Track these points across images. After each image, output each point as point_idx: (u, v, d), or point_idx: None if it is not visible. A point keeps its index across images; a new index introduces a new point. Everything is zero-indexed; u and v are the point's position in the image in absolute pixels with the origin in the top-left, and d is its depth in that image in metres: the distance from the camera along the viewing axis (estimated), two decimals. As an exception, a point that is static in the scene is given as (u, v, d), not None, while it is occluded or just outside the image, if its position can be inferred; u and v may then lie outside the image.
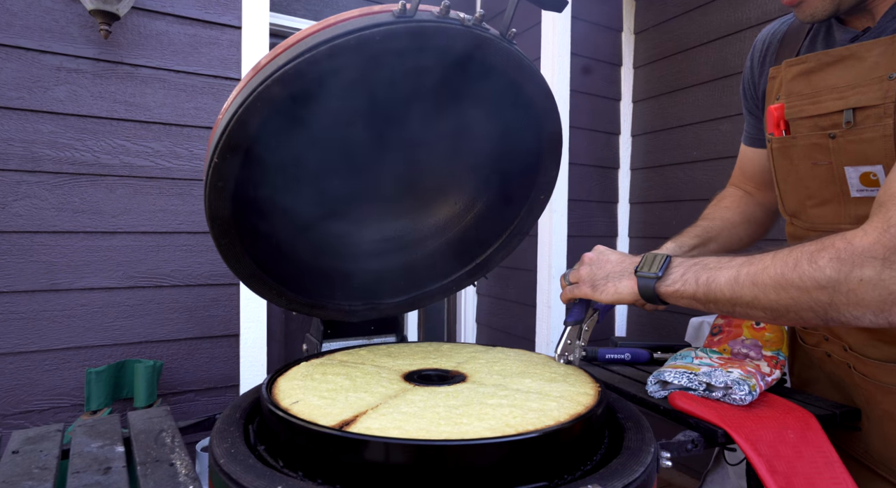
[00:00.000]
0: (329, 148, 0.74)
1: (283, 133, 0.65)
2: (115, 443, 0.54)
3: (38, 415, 1.45)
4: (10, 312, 1.41)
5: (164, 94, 1.61)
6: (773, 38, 0.84)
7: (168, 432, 0.57)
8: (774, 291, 0.54)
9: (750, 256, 0.59)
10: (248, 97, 0.59)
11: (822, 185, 0.71)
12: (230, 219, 0.67)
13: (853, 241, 0.51)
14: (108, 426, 0.59)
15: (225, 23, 1.69)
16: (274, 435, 0.55)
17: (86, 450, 0.52)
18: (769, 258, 0.56)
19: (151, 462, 0.50)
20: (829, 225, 0.71)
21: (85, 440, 0.55)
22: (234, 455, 0.51)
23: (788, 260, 0.54)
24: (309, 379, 0.64)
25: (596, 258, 0.73)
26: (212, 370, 1.68)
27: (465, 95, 0.73)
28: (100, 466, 0.49)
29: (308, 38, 0.59)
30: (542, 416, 0.53)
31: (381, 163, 0.81)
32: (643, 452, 0.54)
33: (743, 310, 0.58)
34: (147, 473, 0.48)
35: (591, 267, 0.72)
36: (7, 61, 1.39)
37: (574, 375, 0.68)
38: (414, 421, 0.51)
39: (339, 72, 0.59)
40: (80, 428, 0.58)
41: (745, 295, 0.56)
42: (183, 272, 1.65)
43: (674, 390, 0.69)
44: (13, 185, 1.41)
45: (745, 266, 0.57)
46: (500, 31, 0.66)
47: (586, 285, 0.70)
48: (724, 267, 0.59)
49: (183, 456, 0.51)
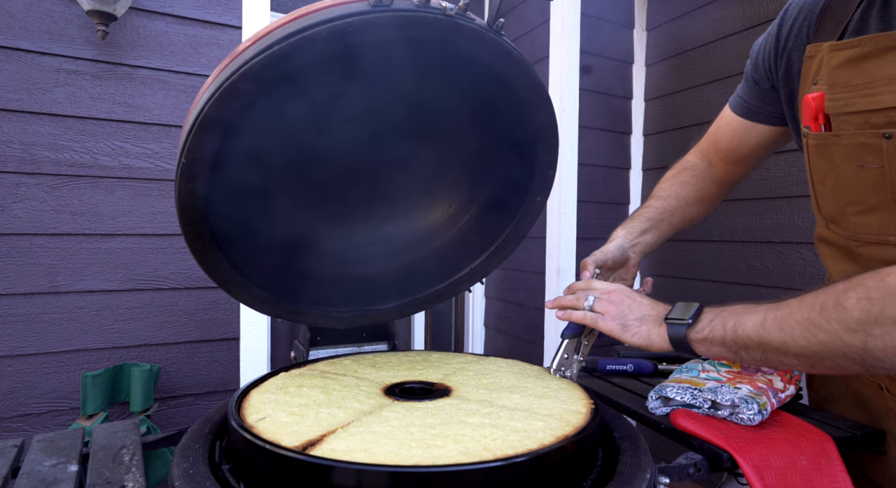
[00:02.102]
0: (309, 146, 0.70)
1: (257, 130, 0.61)
2: (70, 462, 0.51)
3: (37, 418, 1.44)
4: (8, 315, 1.41)
5: (163, 95, 1.59)
6: (814, 6, 0.71)
7: (129, 449, 0.54)
8: (803, 337, 0.51)
9: (778, 302, 0.55)
10: (213, 93, 0.55)
11: (868, 191, 0.62)
12: (204, 221, 0.63)
13: (886, 279, 0.46)
14: (68, 441, 0.56)
15: (225, 23, 1.67)
16: (237, 454, 0.51)
17: (36, 470, 0.49)
18: (796, 302, 0.53)
19: (102, 483, 0.47)
20: (873, 235, 0.63)
21: (39, 457, 0.52)
22: (192, 476, 0.48)
23: (815, 303, 0.51)
24: (282, 393, 0.60)
25: (627, 297, 0.68)
26: (211, 374, 1.66)
27: (451, 91, 0.68)
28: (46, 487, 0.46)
29: (278, 30, 0.56)
30: (525, 438, 0.48)
31: (366, 163, 0.77)
32: (638, 478, 0.49)
33: (775, 357, 0.54)
34: (94, 497, 0.44)
35: (620, 306, 0.67)
36: (6, 63, 1.38)
37: (567, 390, 0.63)
38: (383, 443, 0.46)
39: (311, 65, 0.55)
40: (39, 443, 0.55)
41: (773, 340, 0.53)
42: (183, 275, 1.63)
43: (676, 407, 0.64)
44: (12, 187, 1.41)
45: (771, 310, 0.54)
46: (488, 20, 0.62)
47: (614, 322, 0.66)
48: (750, 311, 0.56)
49: (138, 478, 0.48)
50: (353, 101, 0.66)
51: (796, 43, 0.74)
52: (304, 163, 0.73)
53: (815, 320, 0.50)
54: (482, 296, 2.68)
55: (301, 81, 0.58)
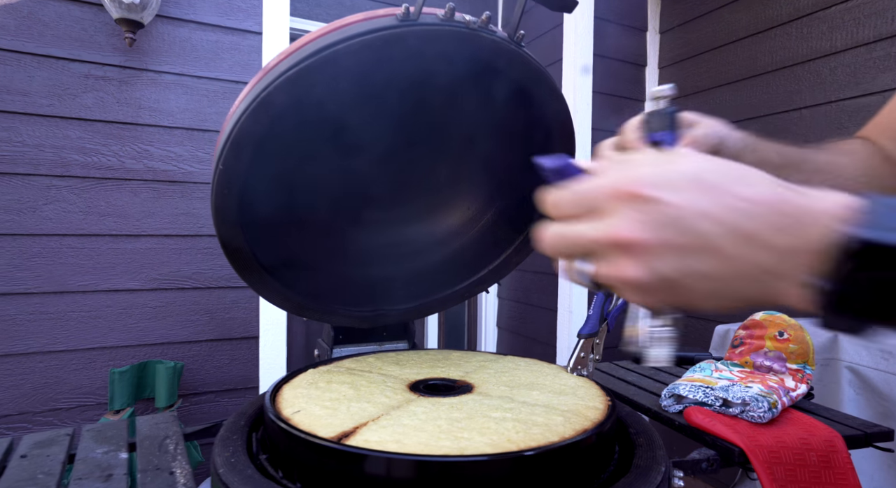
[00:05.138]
0: (336, 153, 0.74)
1: (289, 138, 0.65)
2: (120, 450, 0.55)
3: (66, 413, 1.49)
4: (39, 313, 1.46)
5: (186, 99, 1.64)
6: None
7: (172, 439, 0.58)
8: None
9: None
10: (250, 104, 0.59)
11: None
12: (237, 225, 0.67)
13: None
14: (114, 431, 0.60)
15: (246, 29, 1.71)
16: (275, 444, 0.54)
17: (90, 456, 0.53)
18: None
19: (152, 470, 0.50)
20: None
21: (91, 445, 0.56)
22: (234, 464, 0.51)
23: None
24: (313, 388, 0.63)
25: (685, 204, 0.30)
26: (232, 371, 1.70)
27: (474, 99, 0.71)
28: (102, 473, 0.49)
29: (310, 43, 0.59)
30: (547, 432, 0.51)
31: (392, 168, 0.80)
32: (653, 471, 0.52)
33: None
34: (147, 481, 0.48)
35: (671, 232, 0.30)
36: (38, 70, 1.44)
37: (584, 388, 0.66)
38: (414, 435, 0.50)
39: (342, 77, 0.59)
40: (88, 433, 0.59)
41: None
42: (204, 274, 1.67)
43: (689, 405, 0.66)
44: (43, 190, 1.46)
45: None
46: (509, 32, 0.65)
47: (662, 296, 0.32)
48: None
49: (183, 465, 0.51)
50: (381, 110, 0.69)
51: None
52: (332, 170, 0.76)
53: None
54: (495, 297, 2.71)
55: (332, 92, 0.61)
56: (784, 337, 0.76)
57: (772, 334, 0.77)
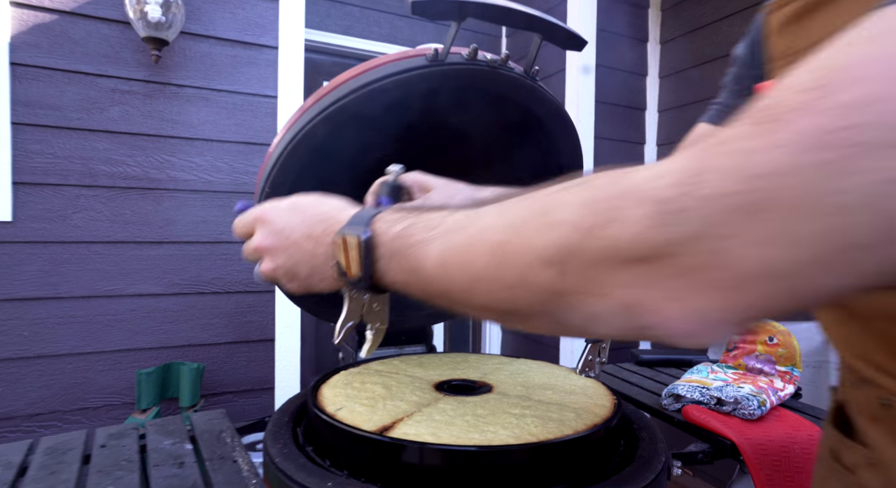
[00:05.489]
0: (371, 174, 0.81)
1: (326, 168, 0.72)
2: (184, 442, 0.62)
3: (94, 412, 1.56)
4: (69, 316, 1.53)
5: (206, 111, 1.71)
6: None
7: (227, 432, 0.65)
8: (485, 288, 0.31)
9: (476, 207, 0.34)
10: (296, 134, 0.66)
11: None
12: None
13: (633, 173, 0.27)
14: (175, 426, 0.67)
15: (263, 43, 1.78)
16: (321, 437, 0.62)
17: (160, 447, 0.60)
18: (491, 212, 0.32)
19: (217, 458, 0.57)
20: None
21: (158, 437, 0.63)
22: (287, 454, 0.58)
23: (511, 212, 0.31)
24: (349, 388, 0.71)
25: (279, 234, 0.48)
26: (249, 373, 1.78)
27: (493, 127, 0.79)
28: (174, 461, 0.56)
29: (350, 81, 0.66)
30: (562, 426, 0.58)
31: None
32: (655, 461, 0.59)
33: (465, 309, 0.35)
34: (215, 468, 0.55)
35: (279, 254, 0.48)
36: (69, 85, 1.51)
37: (593, 388, 0.73)
38: (446, 429, 0.57)
39: (379, 112, 0.66)
40: (152, 427, 0.66)
41: (456, 289, 0.33)
42: (223, 280, 1.75)
43: (687, 403, 0.74)
44: (73, 199, 1.53)
45: (455, 232, 0.33)
46: (525, 68, 0.72)
47: (292, 285, 0.49)
48: (431, 237, 0.34)
49: (243, 454, 0.59)
50: (411, 139, 0.77)
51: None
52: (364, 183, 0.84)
53: (510, 249, 0.29)
54: (499, 300, 2.78)
55: (367, 126, 0.68)
56: (774, 342, 0.84)
57: (763, 339, 0.84)
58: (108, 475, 0.53)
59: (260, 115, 1.79)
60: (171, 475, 0.53)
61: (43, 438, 0.62)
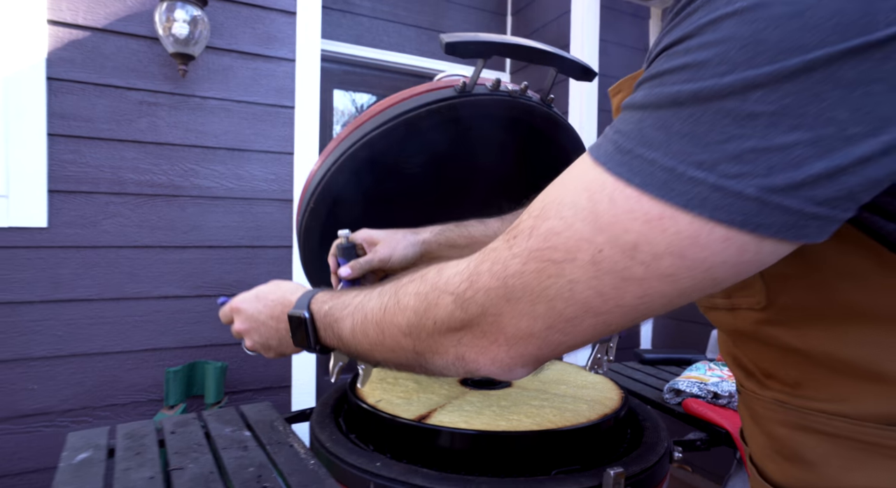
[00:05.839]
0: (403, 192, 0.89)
1: (364, 189, 0.80)
2: (242, 429, 0.70)
3: (122, 408, 1.64)
4: (99, 317, 1.61)
5: (228, 122, 1.79)
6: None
7: (278, 422, 0.73)
8: (380, 351, 0.45)
9: (371, 291, 0.47)
10: (339, 157, 0.74)
11: None
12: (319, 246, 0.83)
13: (444, 271, 0.39)
14: (231, 416, 0.75)
15: (281, 56, 1.86)
16: (365, 425, 0.70)
17: (223, 433, 0.68)
18: (376, 297, 0.45)
19: (275, 443, 0.65)
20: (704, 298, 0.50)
21: (218, 426, 0.71)
22: (336, 440, 0.67)
23: (384, 298, 0.43)
24: (384, 383, 0.79)
25: (251, 322, 0.63)
26: (268, 371, 1.86)
27: (512, 148, 0.87)
28: (239, 445, 0.65)
29: (390, 108, 0.75)
30: (577, 415, 0.66)
31: (441, 204, 0.96)
32: (658, 446, 0.67)
33: (373, 362, 0.48)
34: (275, 451, 0.63)
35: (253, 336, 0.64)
36: (100, 98, 1.59)
37: (602, 383, 0.81)
38: (476, 417, 0.65)
39: (413, 138, 0.74)
40: (210, 416, 0.74)
41: (363, 352, 0.47)
42: (242, 282, 1.82)
43: (686, 397, 0.82)
44: (103, 206, 1.61)
45: (358, 312, 0.46)
46: (542, 97, 0.80)
47: (267, 354, 0.64)
48: (345, 315, 0.48)
49: (297, 440, 0.67)
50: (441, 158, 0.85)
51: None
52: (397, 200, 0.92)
53: (385, 325, 0.42)
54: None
55: (403, 150, 0.77)
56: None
57: (755, 339, 0.93)
58: (185, 456, 0.61)
59: (278, 125, 1.87)
60: (239, 456, 0.61)
61: (119, 426, 0.70)
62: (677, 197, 0.27)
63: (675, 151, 0.27)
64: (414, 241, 0.76)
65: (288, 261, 1.90)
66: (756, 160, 0.26)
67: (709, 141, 0.26)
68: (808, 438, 0.39)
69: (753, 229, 0.27)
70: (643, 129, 0.29)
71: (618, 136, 0.30)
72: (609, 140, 0.31)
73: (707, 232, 0.27)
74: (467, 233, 0.78)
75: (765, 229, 0.27)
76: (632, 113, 0.30)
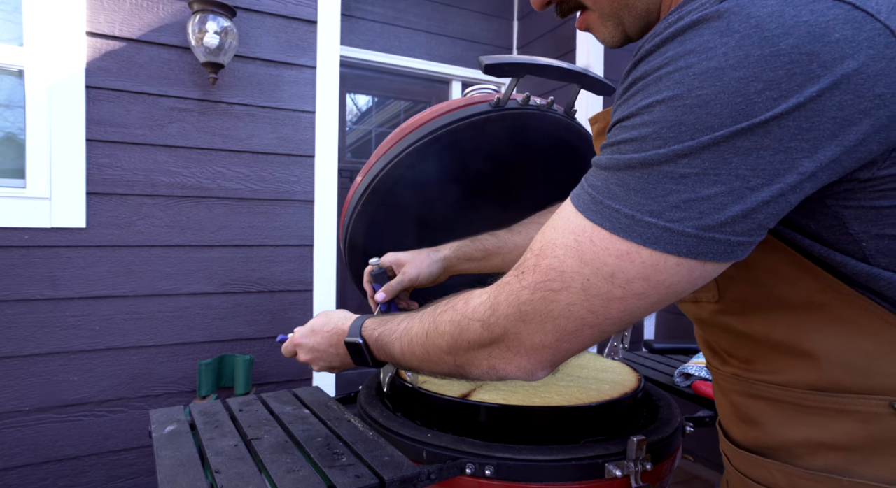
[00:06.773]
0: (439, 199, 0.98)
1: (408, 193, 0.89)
2: (301, 408, 0.79)
3: (154, 399, 1.73)
4: (133, 313, 1.70)
5: (252, 126, 1.88)
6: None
7: (331, 402, 0.82)
8: (428, 367, 0.56)
9: (412, 319, 0.59)
10: (386, 165, 0.83)
11: None
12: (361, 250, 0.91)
13: (470, 301, 0.50)
14: (286, 397, 0.83)
15: (303, 64, 1.95)
16: (412, 404, 0.78)
17: (285, 411, 0.77)
18: (417, 325, 0.57)
19: (334, 419, 0.74)
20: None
21: (278, 405, 0.79)
22: (388, 417, 0.75)
23: (424, 325, 0.55)
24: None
25: (312, 351, 0.77)
26: (291, 364, 1.94)
27: (539, 157, 0.96)
28: (302, 420, 0.73)
29: (431, 121, 0.83)
30: (600, 394, 0.75)
31: (480, 216, 1.04)
32: (672, 422, 0.76)
33: (425, 373, 0.60)
34: (336, 425, 0.72)
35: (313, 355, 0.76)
36: (134, 105, 1.67)
37: (619, 367, 0.90)
38: (512, 395, 0.74)
39: (453, 147, 0.83)
40: (268, 397, 0.83)
41: (415, 366, 0.59)
42: (267, 280, 1.91)
43: (695, 380, 0.90)
44: (137, 207, 1.70)
45: (404, 337, 0.58)
46: (566, 110, 0.89)
47: (319, 367, 0.76)
48: (394, 340, 0.60)
49: (352, 416, 0.75)
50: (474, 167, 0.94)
51: None
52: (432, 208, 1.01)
53: (428, 347, 0.54)
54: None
55: (441, 159, 0.85)
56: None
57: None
58: (258, 428, 0.70)
59: (300, 129, 1.95)
60: (306, 429, 0.70)
61: (192, 404, 0.79)
62: (638, 237, 0.37)
63: (633, 203, 0.37)
64: (436, 258, 0.88)
65: (309, 259, 1.98)
66: (690, 208, 0.35)
67: (656, 195, 0.36)
68: (756, 403, 0.49)
69: (696, 256, 0.37)
70: (609, 186, 0.39)
71: (592, 190, 0.40)
72: (585, 192, 0.41)
73: (663, 261, 0.37)
74: (482, 247, 0.90)
75: (704, 256, 0.37)
76: (600, 171, 0.40)
